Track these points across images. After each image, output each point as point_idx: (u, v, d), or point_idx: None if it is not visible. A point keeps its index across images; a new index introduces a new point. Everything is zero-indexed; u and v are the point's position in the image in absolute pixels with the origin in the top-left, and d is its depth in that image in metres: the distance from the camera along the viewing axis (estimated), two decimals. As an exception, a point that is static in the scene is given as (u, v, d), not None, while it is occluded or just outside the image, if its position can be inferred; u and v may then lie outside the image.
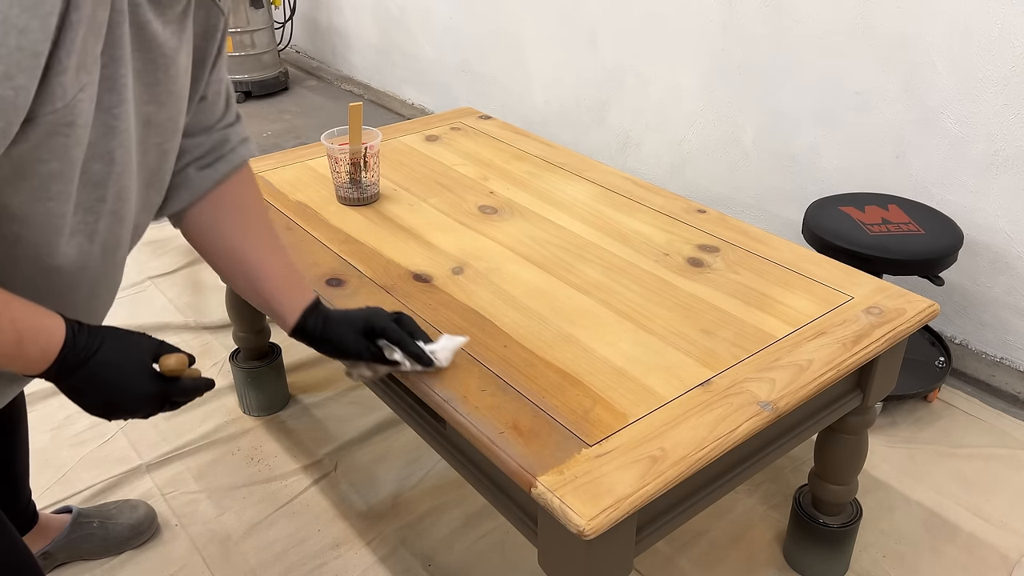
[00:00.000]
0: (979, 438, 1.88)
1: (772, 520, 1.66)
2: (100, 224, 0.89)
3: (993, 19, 1.86)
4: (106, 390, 0.87)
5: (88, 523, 1.56)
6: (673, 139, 2.71)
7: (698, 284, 1.32)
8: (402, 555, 1.58)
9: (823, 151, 2.30)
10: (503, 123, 2.00)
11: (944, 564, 1.56)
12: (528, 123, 3.28)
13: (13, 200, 0.80)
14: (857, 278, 1.34)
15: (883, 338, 1.19)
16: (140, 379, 0.89)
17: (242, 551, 1.59)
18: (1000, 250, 2.01)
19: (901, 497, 1.71)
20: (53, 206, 0.82)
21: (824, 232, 1.85)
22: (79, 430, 1.89)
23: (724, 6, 2.40)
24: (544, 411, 1.04)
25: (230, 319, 1.87)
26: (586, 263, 1.38)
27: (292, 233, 1.47)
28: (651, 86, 2.71)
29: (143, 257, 2.62)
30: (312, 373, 2.10)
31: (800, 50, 2.26)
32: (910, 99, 2.07)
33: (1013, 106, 1.89)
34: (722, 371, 1.12)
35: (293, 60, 4.69)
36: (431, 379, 1.10)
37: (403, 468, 1.79)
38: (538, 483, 0.93)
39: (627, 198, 1.62)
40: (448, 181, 1.69)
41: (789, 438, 1.21)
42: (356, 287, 1.31)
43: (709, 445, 0.99)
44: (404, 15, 3.76)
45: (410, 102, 3.96)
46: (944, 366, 1.99)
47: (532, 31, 3.10)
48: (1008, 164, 1.93)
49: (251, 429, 1.91)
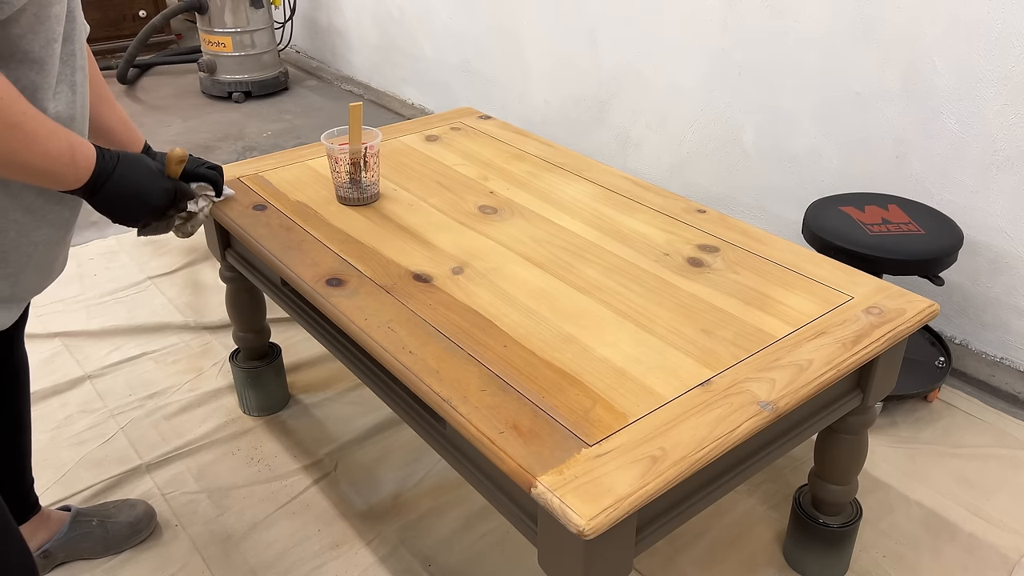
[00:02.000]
0: (979, 438, 1.88)
1: (772, 520, 1.66)
2: (76, 76, 1.07)
3: (993, 19, 1.86)
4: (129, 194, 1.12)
5: (87, 521, 1.57)
6: (673, 139, 2.71)
7: (698, 284, 1.32)
8: (402, 555, 1.58)
9: (823, 151, 2.30)
10: (503, 123, 2.00)
11: (944, 564, 1.56)
12: (528, 123, 3.28)
13: (34, 45, 0.98)
14: (857, 278, 1.34)
15: (883, 338, 1.19)
16: (153, 178, 1.16)
17: (242, 551, 1.59)
18: (1000, 250, 2.01)
19: (901, 497, 1.71)
20: (57, 48, 1.02)
21: (824, 232, 1.85)
22: (79, 430, 1.89)
23: (724, 6, 2.40)
24: (544, 411, 1.04)
25: (230, 319, 1.87)
26: (586, 263, 1.38)
27: (292, 233, 1.47)
28: (651, 86, 2.72)
29: (143, 257, 2.62)
30: (312, 373, 2.10)
31: (800, 50, 2.26)
32: (910, 99, 2.07)
33: (1013, 106, 1.89)
34: (722, 371, 1.12)
35: (293, 60, 4.69)
36: (431, 379, 1.10)
37: (403, 468, 1.79)
38: (538, 483, 0.93)
39: (627, 198, 1.62)
40: (448, 181, 1.69)
41: (789, 438, 1.21)
42: (356, 287, 1.31)
43: (709, 445, 0.99)
44: (404, 15, 3.76)
45: (410, 102, 3.96)
46: (944, 366, 1.99)
47: (532, 31, 3.10)
48: (1008, 164, 1.93)
49: (251, 429, 1.91)
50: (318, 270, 1.36)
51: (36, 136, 0.96)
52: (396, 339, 1.18)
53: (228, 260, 1.73)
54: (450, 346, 1.16)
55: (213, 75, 4.06)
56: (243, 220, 1.52)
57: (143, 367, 2.12)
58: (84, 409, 1.96)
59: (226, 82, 4.07)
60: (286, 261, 1.38)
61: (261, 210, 1.55)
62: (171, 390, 2.03)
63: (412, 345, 1.16)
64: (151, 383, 2.06)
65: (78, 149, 1.03)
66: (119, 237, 2.73)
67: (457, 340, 1.18)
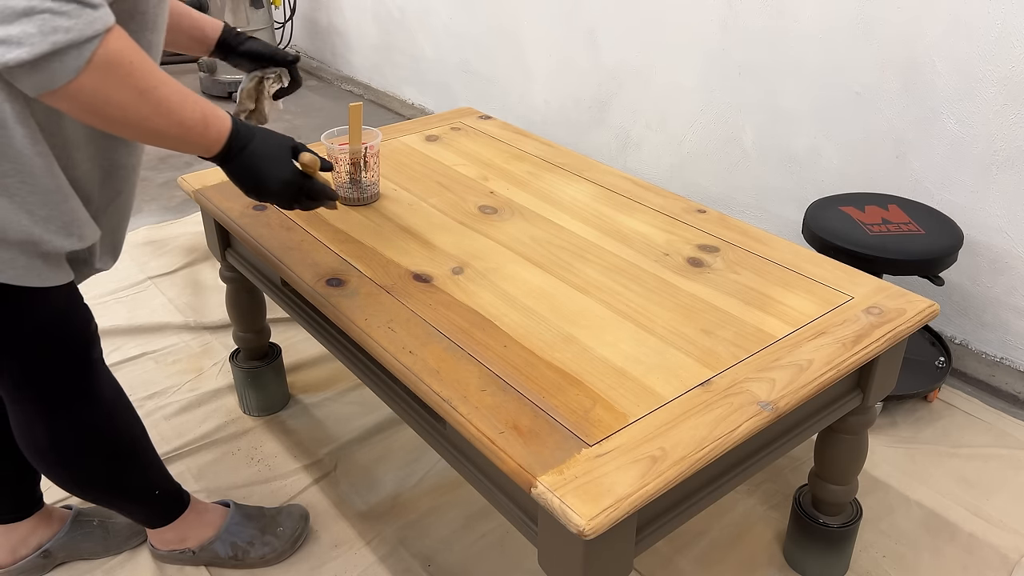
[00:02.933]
0: (979, 438, 1.88)
1: (772, 520, 1.66)
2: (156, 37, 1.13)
3: (993, 19, 1.86)
4: (257, 172, 1.12)
5: (88, 522, 1.57)
6: (673, 139, 2.71)
7: (698, 284, 1.32)
8: (402, 555, 1.58)
9: (823, 151, 2.30)
10: (503, 123, 2.00)
11: (944, 564, 1.56)
12: (528, 123, 3.28)
13: (149, 7, 1.05)
14: (857, 278, 1.34)
15: (883, 338, 1.19)
16: (282, 166, 1.14)
17: (242, 551, 1.59)
18: (1000, 250, 2.01)
19: (901, 497, 1.71)
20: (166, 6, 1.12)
21: (824, 232, 1.85)
22: (79, 430, 1.89)
23: (724, 6, 2.40)
24: (544, 411, 1.04)
25: (230, 319, 1.87)
26: (586, 263, 1.38)
27: (292, 233, 1.47)
28: (651, 86, 2.72)
29: (143, 257, 2.62)
30: (312, 373, 2.10)
31: (800, 50, 2.26)
32: (910, 99, 2.07)
33: (1013, 106, 1.89)
34: (722, 371, 1.12)
35: (293, 60, 4.69)
36: (431, 379, 1.10)
37: (403, 468, 1.79)
38: (538, 483, 0.93)
39: (627, 198, 1.62)
40: (448, 181, 1.69)
41: (789, 438, 1.21)
42: (356, 287, 1.31)
43: (709, 445, 0.99)
44: (404, 15, 3.76)
45: (410, 102, 3.96)
46: (944, 366, 1.99)
47: (532, 31, 3.10)
48: (1008, 164, 1.93)
49: (251, 429, 1.91)
50: (318, 270, 1.36)
51: (170, 104, 0.98)
52: (396, 339, 1.18)
53: (228, 260, 1.73)
54: (450, 346, 1.16)
55: (213, 75, 4.06)
56: (243, 220, 1.52)
57: (143, 367, 2.12)
58: (84, 409, 1.96)
59: (226, 82, 4.06)
60: (286, 261, 1.38)
61: (261, 210, 1.55)
62: (171, 390, 2.03)
63: (412, 345, 1.16)
64: (151, 383, 2.06)
65: (211, 119, 1.05)
66: (119, 237, 2.73)
67: (457, 340, 1.18)
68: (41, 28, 0.81)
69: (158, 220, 2.87)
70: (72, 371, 1.23)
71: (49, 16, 0.81)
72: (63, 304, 1.18)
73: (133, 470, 1.37)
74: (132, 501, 1.43)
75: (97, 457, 1.31)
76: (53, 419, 1.24)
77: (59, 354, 1.20)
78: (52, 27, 0.82)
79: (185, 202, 3.00)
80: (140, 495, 1.42)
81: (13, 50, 0.81)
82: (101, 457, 1.31)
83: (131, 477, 1.38)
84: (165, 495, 1.46)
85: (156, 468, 1.43)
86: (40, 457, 1.28)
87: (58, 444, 1.26)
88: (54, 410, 1.23)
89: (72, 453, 1.27)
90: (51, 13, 0.81)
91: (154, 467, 1.43)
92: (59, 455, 1.27)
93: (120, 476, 1.36)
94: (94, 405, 1.26)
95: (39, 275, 1.08)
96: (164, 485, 1.46)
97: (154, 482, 1.43)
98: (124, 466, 1.35)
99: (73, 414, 1.24)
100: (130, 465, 1.36)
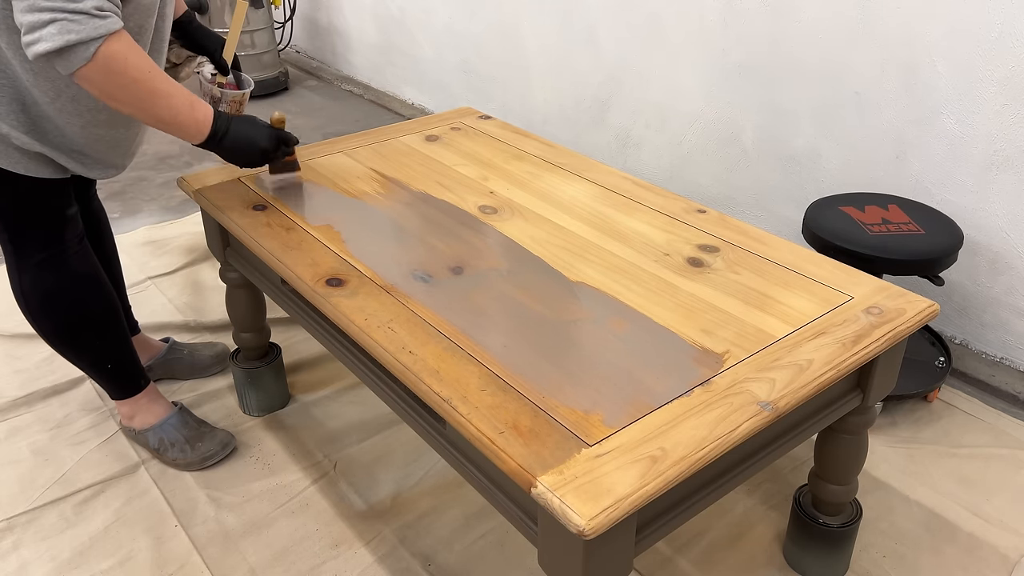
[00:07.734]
0: (979, 438, 1.88)
1: (772, 520, 1.66)
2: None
3: (993, 19, 1.86)
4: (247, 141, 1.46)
5: (180, 350, 2.04)
6: (673, 139, 2.71)
7: (698, 284, 1.32)
8: (401, 555, 1.58)
9: (823, 151, 2.30)
10: (503, 123, 2.00)
11: (944, 564, 1.56)
12: (528, 123, 3.28)
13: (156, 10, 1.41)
14: (857, 278, 1.34)
15: (883, 338, 1.19)
16: (263, 129, 1.49)
17: (242, 551, 1.59)
18: (1000, 250, 2.01)
19: (901, 497, 1.71)
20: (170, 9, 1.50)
21: (824, 232, 1.85)
22: (79, 429, 1.89)
23: (724, 6, 2.40)
24: (544, 411, 1.04)
25: (230, 319, 1.87)
26: (586, 263, 1.38)
27: (292, 233, 1.47)
28: (651, 86, 2.72)
29: (143, 257, 2.62)
30: (312, 373, 2.10)
31: (800, 50, 2.26)
32: (910, 99, 2.07)
33: (1013, 106, 1.89)
34: (722, 371, 1.12)
35: (293, 60, 4.69)
36: (431, 379, 1.10)
37: (403, 468, 1.79)
38: (538, 483, 0.93)
39: (627, 198, 1.62)
40: (448, 181, 1.69)
41: (789, 438, 1.21)
42: (356, 287, 1.31)
43: (709, 445, 0.99)
44: (404, 15, 3.76)
45: (410, 102, 3.96)
46: (944, 366, 1.99)
47: (532, 31, 3.10)
48: (1008, 164, 1.93)
49: (251, 429, 1.91)
50: (318, 270, 1.36)
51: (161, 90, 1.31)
52: (396, 339, 1.18)
53: (228, 260, 1.73)
54: (450, 346, 1.16)
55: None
56: (243, 220, 1.52)
57: (143, 367, 2.12)
58: (84, 408, 1.96)
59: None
60: (286, 261, 1.38)
61: (261, 210, 1.55)
62: (171, 390, 2.03)
63: (412, 345, 1.16)
64: (151, 383, 2.06)
65: (196, 104, 1.37)
66: (119, 237, 2.72)
67: (457, 340, 1.18)
68: (60, 30, 1.18)
69: (158, 220, 2.87)
70: (42, 242, 1.53)
71: (65, 23, 1.18)
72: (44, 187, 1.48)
73: (87, 339, 1.64)
74: (89, 366, 1.70)
75: (52, 319, 1.60)
76: (22, 276, 1.56)
77: (33, 226, 1.52)
78: (67, 30, 1.18)
79: (185, 202, 3.00)
80: (95, 364, 1.69)
81: (42, 44, 1.19)
82: (56, 320, 1.60)
83: (84, 344, 1.65)
84: (119, 372, 1.72)
85: (113, 344, 1.67)
86: (18, 304, 1.61)
87: (26, 297, 1.58)
88: (25, 269, 1.55)
89: (37, 308, 1.59)
90: (67, 20, 1.18)
91: (110, 343, 1.67)
92: (27, 307, 1.60)
93: (75, 340, 1.64)
94: (59, 273, 1.56)
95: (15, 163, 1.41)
96: (118, 362, 1.70)
97: (107, 356, 1.68)
98: (78, 333, 1.63)
99: (38, 276, 1.56)
100: (84, 334, 1.63)
